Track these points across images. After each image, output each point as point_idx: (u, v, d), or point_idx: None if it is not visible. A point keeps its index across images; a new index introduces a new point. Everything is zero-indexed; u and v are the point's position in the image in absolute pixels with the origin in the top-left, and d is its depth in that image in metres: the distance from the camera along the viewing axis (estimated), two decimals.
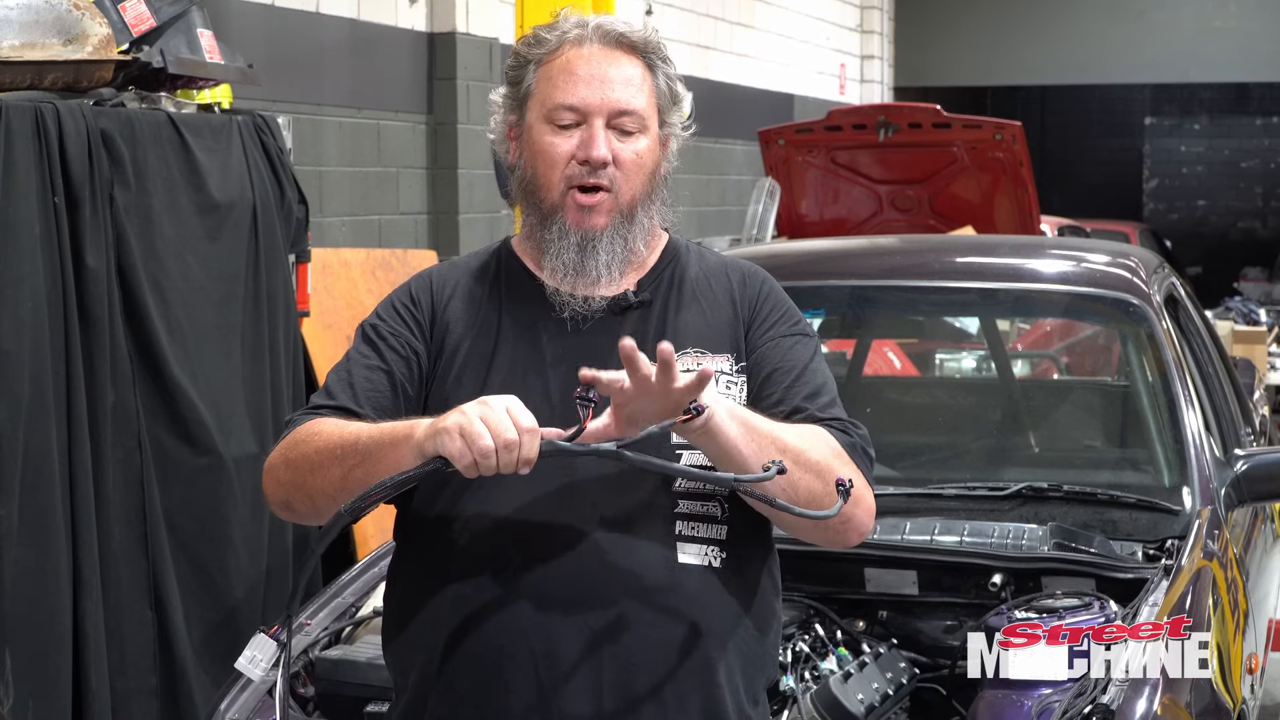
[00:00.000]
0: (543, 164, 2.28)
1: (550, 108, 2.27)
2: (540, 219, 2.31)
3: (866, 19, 15.47)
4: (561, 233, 2.28)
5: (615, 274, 2.30)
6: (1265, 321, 10.81)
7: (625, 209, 2.28)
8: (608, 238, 2.28)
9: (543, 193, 2.29)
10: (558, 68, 2.28)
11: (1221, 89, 21.63)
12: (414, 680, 2.28)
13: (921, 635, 3.36)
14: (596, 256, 2.27)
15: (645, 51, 2.31)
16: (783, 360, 2.29)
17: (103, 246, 3.70)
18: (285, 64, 6.53)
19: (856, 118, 8.77)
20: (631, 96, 2.27)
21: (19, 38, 3.67)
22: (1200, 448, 3.64)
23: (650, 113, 2.30)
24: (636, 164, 2.28)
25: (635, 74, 2.29)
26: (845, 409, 2.32)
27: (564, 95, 2.27)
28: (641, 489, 2.21)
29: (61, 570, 3.56)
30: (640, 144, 2.29)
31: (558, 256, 2.28)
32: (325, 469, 2.16)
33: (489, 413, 2.01)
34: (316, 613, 3.19)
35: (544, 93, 2.29)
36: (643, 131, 2.29)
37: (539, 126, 2.29)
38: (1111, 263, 4.26)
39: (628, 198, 2.28)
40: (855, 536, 2.26)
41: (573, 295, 2.29)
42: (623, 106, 2.27)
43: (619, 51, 2.29)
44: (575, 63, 2.28)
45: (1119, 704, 2.63)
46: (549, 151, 2.28)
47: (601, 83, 2.26)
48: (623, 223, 2.29)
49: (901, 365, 6.74)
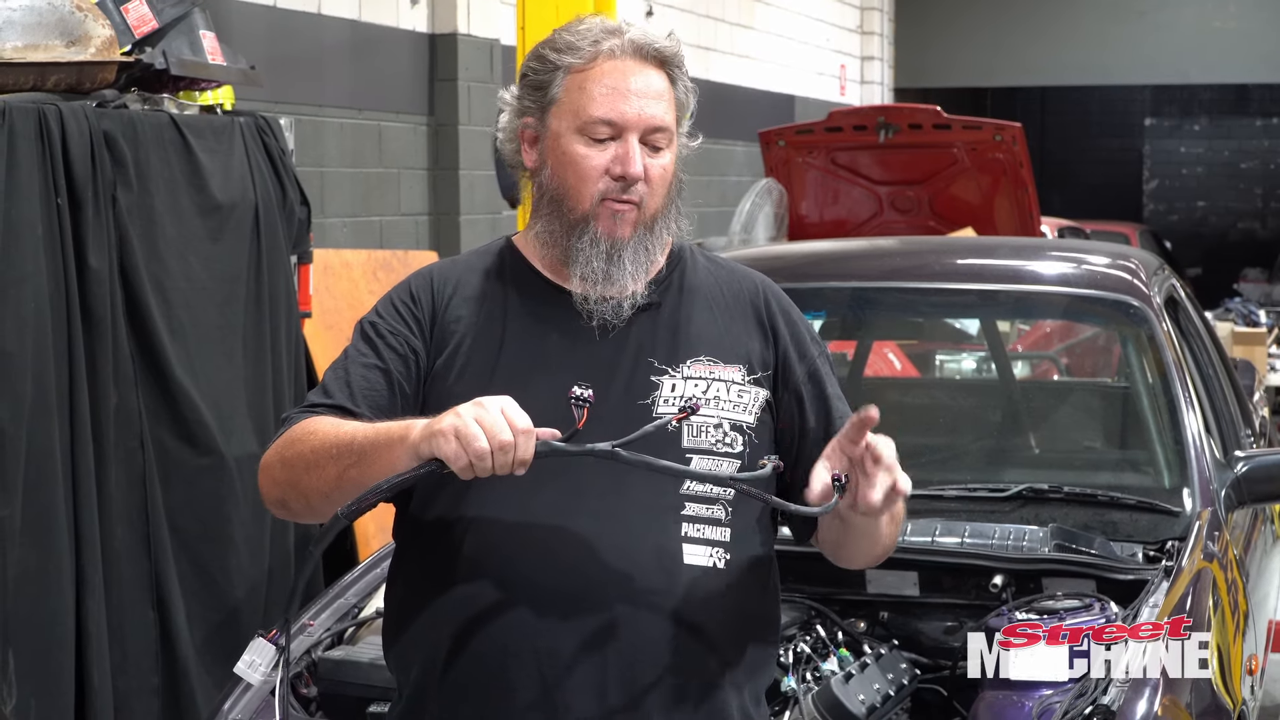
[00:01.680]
0: (573, 176, 2.28)
1: (585, 120, 2.26)
2: (566, 227, 2.30)
3: (867, 20, 15.48)
4: (593, 241, 2.27)
5: (639, 283, 2.31)
6: (1265, 323, 10.82)
7: (649, 221, 2.29)
8: (632, 247, 2.28)
9: (572, 202, 2.29)
10: (592, 79, 2.27)
11: (1221, 90, 21.64)
12: (415, 680, 2.28)
13: (922, 636, 3.36)
14: (623, 265, 2.27)
15: (671, 65, 2.32)
16: (820, 379, 2.37)
17: (105, 247, 3.70)
18: (287, 65, 6.54)
19: (857, 119, 8.77)
20: (663, 112, 2.28)
21: (22, 39, 3.68)
22: (1200, 449, 3.64)
23: (674, 125, 2.31)
24: (663, 178, 2.29)
25: (664, 88, 2.30)
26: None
27: (601, 109, 2.26)
28: (648, 490, 2.21)
29: (64, 570, 3.56)
30: (665, 158, 2.30)
31: (587, 264, 2.28)
32: (320, 468, 2.17)
33: (484, 414, 2.01)
34: (319, 613, 3.20)
35: (577, 103, 2.27)
36: (669, 146, 2.30)
37: (570, 137, 2.28)
38: (1111, 264, 4.26)
39: (652, 210, 2.29)
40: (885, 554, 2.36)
41: (601, 301, 2.29)
42: (657, 123, 2.27)
43: (650, 65, 2.29)
44: (611, 75, 2.27)
45: (1119, 705, 2.64)
46: (581, 164, 2.27)
47: (638, 98, 2.26)
48: (645, 233, 2.29)
49: (902, 366, 6.74)
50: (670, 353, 2.29)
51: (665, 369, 2.28)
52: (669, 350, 2.29)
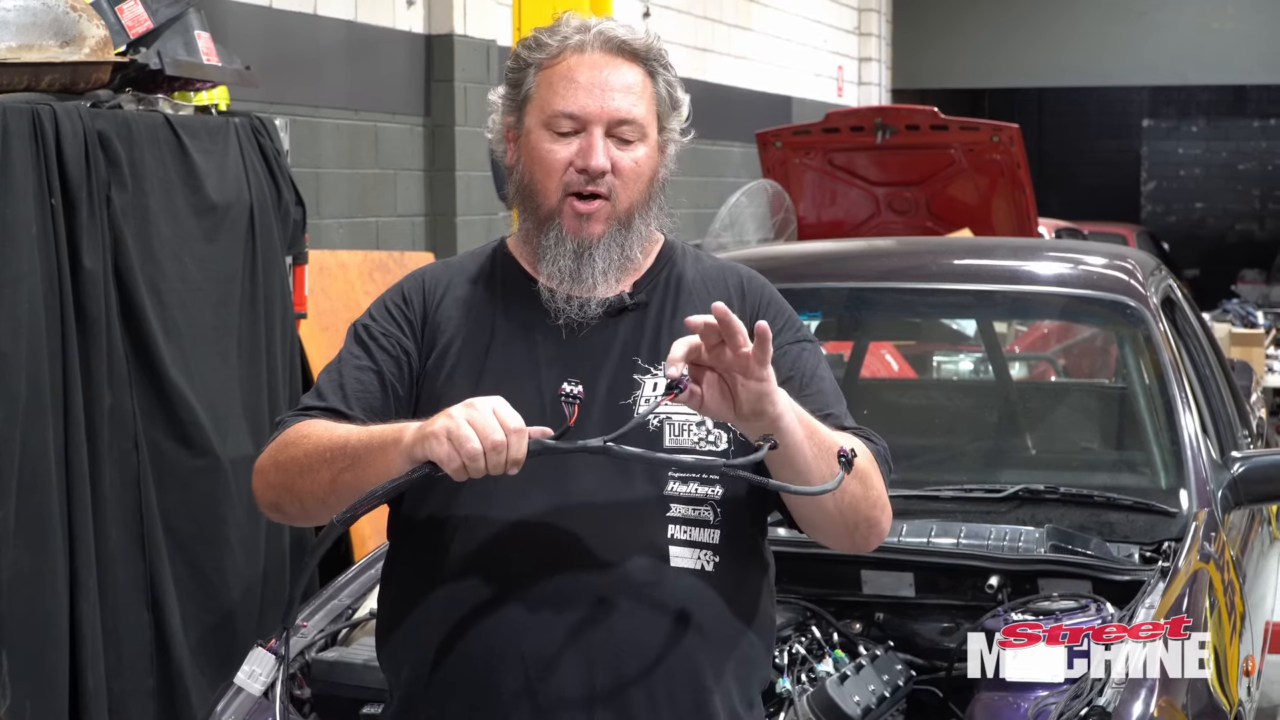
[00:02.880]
0: (540, 170, 2.28)
1: (549, 114, 2.27)
2: (537, 224, 2.31)
3: (864, 21, 15.47)
4: (559, 239, 2.28)
5: (612, 281, 2.30)
6: (1263, 323, 10.81)
7: (623, 216, 2.28)
8: (604, 246, 2.27)
9: (540, 198, 2.29)
10: (559, 74, 2.27)
11: (1219, 91, 21.65)
12: (407, 681, 2.28)
13: (918, 637, 3.36)
14: (593, 264, 2.27)
15: (647, 58, 2.30)
16: (793, 369, 2.29)
17: (100, 248, 3.70)
18: (282, 66, 6.53)
19: (854, 120, 8.76)
20: (631, 105, 2.27)
21: (16, 39, 3.67)
22: (1197, 450, 3.64)
23: (650, 120, 2.30)
24: (635, 172, 2.28)
25: (636, 81, 2.28)
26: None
27: (563, 103, 2.26)
28: (634, 492, 2.21)
29: (58, 571, 3.56)
30: (639, 152, 2.28)
31: (554, 262, 2.28)
32: (314, 472, 2.17)
33: (475, 415, 2.00)
34: (313, 614, 3.19)
35: (544, 98, 2.28)
36: (641, 140, 2.29)
37: (538, 132, 2.28)
38: (1108, 265, 4.26)
39: (625, 205, 2.28)
40: (876, 541, 2.27)
41: (569, 300, 2.29)
42: (622, 115, 2.26)
43: (620, 59, 2.28)
44: (576, 69, 2.27)
45: (1115, 706, 2.63)
46: (547, 159, 2.27)
47: (602, 91, 2.26)
48: (620, 230, 2.29)
49: (899, 367, 6.74)
50: (654, 351, 2.28)
51: (648, 368, 2.28)
52: (653, 349, 2.29)
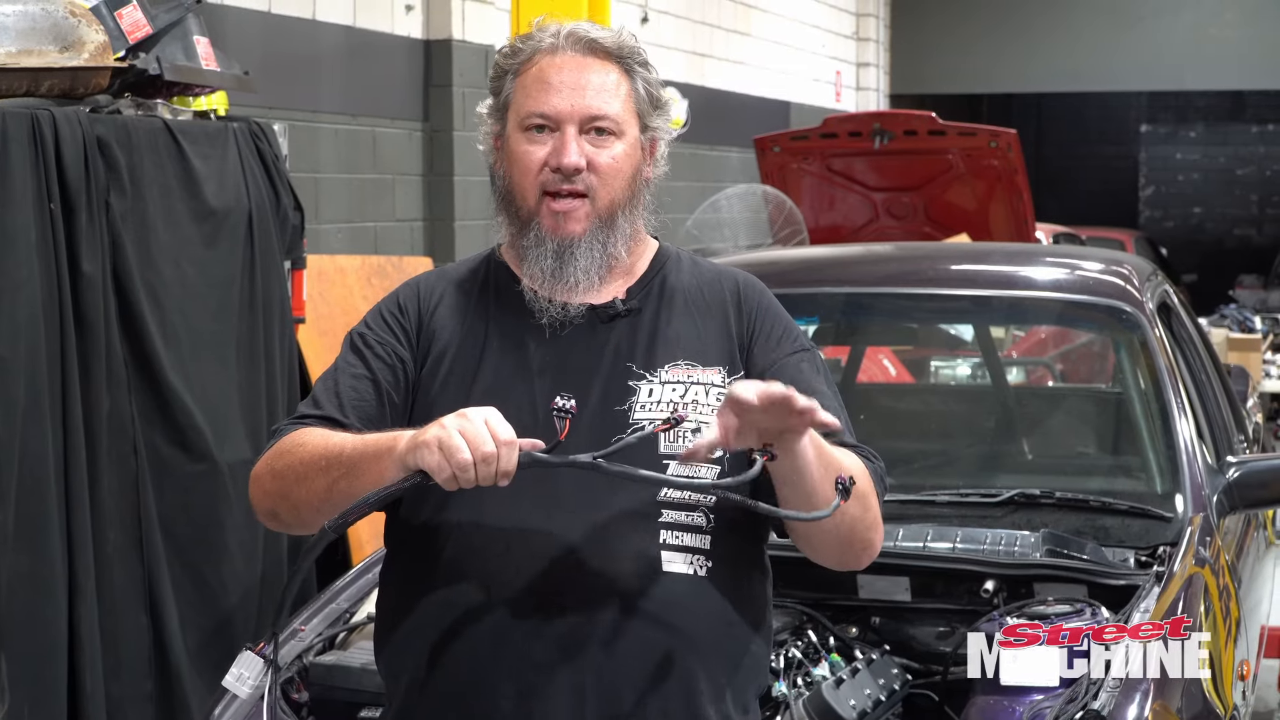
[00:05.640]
0: (517, 171, 2.30)
1: (524, 116, 2.29)
2: (518, 226, 2.32)
3: (863, 27, 15.48)
4: (538, 240, 2.29)
5: (595, 280, 2.30)
6: (1260, 329, 10.83)
7: (604, 214, 2.29)
8: (585, 244, 2.29)
9: (519, 200, 2.31)
10: (532, 77, 2.30)
11: (1217, 96, 21.66)
12: (404, 686, 2.29)
13: (914, 641, 3.36)
14: (575, 262, 2.29)
15: (620, 56, 2.32)
16: (793, 381, 2.28)
17: (99, 253, 3.70)
18: (281, 71, 6.54)
19: (852, 125, 8.78)
20: (605, 102, 2.28)
21: (15, 44, 3.68)
22: (1193, 455, 3.65)
23: (627, 117, 2.31)
24: (613, 169, 2.29)
25: (609, 80, 2.30)
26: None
27: (536, 104, 2.28)
28: (626, 498, 2.21)
29: (57, 575, 3.56)
30: (616, 149, 2.29)
31: (536, 263, 2.30)
32: (310, 480, 2.17)
33: (467, 425, 2.01)
34: (310, 618, 3.20)
35: (519, 102, 2.31)
36: (619, 136, 2.30)
37: (515, 135, 2.31)
38: (1105, 270, 4.27)
39: (605, 202, 2.29)
40: (867, 560, 2.29)
41: (550, 301, 2.30)
42: (594, 112, 2.28)
43: (592, 57, 2.30)
44: (548, 71, 2.29)
45: (1110, 709, 2.64)
46: (523, 159, 2.29)
47: (573, 90, 2.28)
48: (601, 228, 2.30)
49: (896, 372, 6.74)
50: (648, 357, 2.29)
51: (643, 374, 2.29)
52: (647, 355, 2.30)
